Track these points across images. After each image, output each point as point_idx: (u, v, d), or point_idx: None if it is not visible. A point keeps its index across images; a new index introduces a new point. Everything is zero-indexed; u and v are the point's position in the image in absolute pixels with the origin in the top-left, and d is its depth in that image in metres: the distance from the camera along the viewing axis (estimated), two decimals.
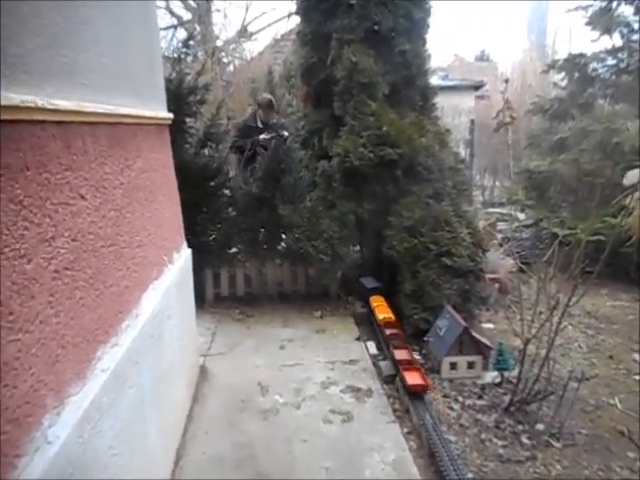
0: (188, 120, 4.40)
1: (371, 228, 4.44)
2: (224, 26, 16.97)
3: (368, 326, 4.25)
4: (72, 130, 1.58)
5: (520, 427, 2.87)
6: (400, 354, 3.38)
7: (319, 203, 4.41)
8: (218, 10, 16.23)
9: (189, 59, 5.47)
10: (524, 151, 8.71)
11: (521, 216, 8.11)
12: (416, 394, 3.00)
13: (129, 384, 1.87)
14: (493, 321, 4.91)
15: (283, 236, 4.72)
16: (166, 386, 2.44)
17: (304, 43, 4.89)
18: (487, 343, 3.52)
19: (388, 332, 3.70)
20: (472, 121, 11.27)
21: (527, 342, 2.95)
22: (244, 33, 15.25)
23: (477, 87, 16.91)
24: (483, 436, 2.81)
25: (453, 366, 3.43)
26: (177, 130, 4.26)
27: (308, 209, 4.40)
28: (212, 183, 4.46)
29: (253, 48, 20.89)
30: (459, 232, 4.07)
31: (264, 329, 4.17)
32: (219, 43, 15.22)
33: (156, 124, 2.70)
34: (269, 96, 5.69)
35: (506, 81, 10.70)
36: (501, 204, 10.16)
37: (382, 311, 4.03)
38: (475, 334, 3.48)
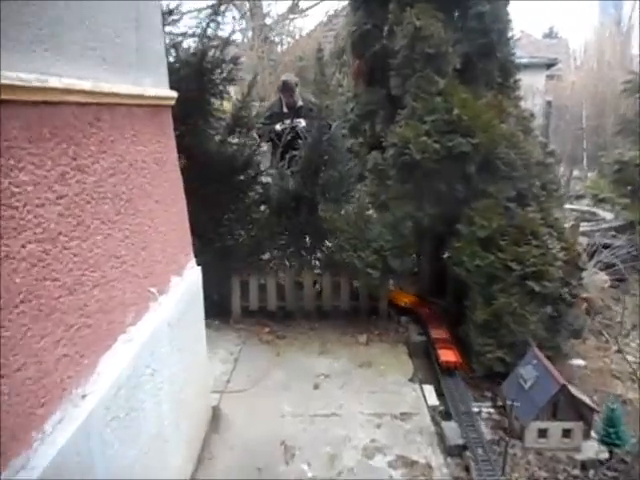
0: (213, 101, 3.67)
1: (433, 237, 3.58)
2: (275, 3, 16.20)
3: (425, 360, 3.42)
4: None
5: None
6: (437, 333, 3.43)
7: (368, 204, 3.58)
8: None
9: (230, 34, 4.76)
10: (613, 138, 7.43)
11: (607, 215, 6.90)
12: (448, 370, 3.11)
13: None
14: (583, 354, 3.93)
15: (326, 242, 3.94)
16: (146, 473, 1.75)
17: (356, 7, 4.02)
18: (590, 404, 2.61)
19: (424, 313, 3.75)
20: (549, 103, 9.92)
21: None
22: (295, 9, 14.38)
23: (549, 65, 15.28)
24: None
25: (542, 433, 2.56)
26: (200, 113, 3.57)
27: (355, 211, 3.59)
28: (241, 177, 3.73)
29: (305, 26, 20.06)
30: (550, 247, 3.13)
31: (297, 356, 3.43)
32: (268, 21, 14.47)
33: (146, 105, 1.97)
34: (285, 77, 5.04)
35: None
36: (579, 197, 8.86)
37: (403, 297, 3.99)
38: (576, 392, 2.58)
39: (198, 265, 2.58)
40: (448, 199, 3.37)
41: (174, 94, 2.27)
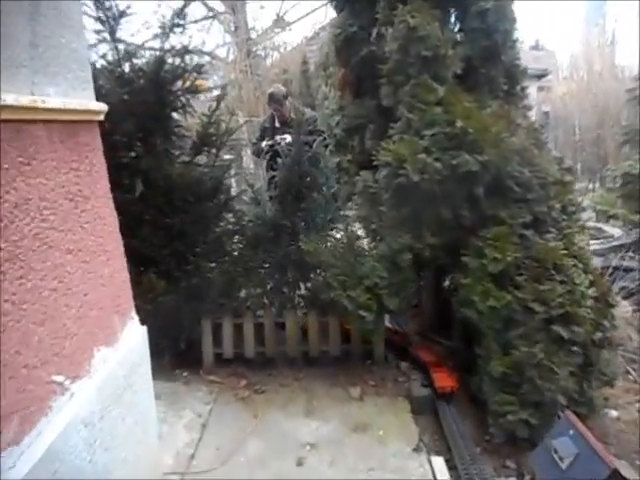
0: (175, 116, 3.14)
1: (436, 271, 3.06)
2: (260, 16, 15.91)
3: (431, 417, 2.87)
4: None
5: None
6: (425, 355, 3.25)
7: (358, 234, 3.06)
8: None
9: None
10: (617, 150, 7.01)
11: (615, 232, 6.43)
12: (444, 395, 2.89)
13: None
14: (612, 401, 3.40)
15: (312, 276, 3.41)
16: None
17: (340, 7, 3.55)
18: None
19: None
20: (546, 114, 9.52)
21: None
22: (281, 22, 14.02)
23: (540, 76, 15.03)
24: None
25: None
26: (159, 130, 3.04)
27: (343, 242, 3.06)
28: (210, 204, 3.19)
29: (291, 40, 19.78)
30: (577, 283, 2.62)
31: (277, 419, 2.86)
32: (254, 35, 14.10)
33: (50, 120, 1.43)
34: (272, 89, 4.66)
35: None
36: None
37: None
38: (628, 472, 2.04)
39: (143, 324, 2.02)
40: (452, 227, 2.85)
41: (102, 107, 1.74)
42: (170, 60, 2.93)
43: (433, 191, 2.76)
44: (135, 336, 1.91)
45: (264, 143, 4.30)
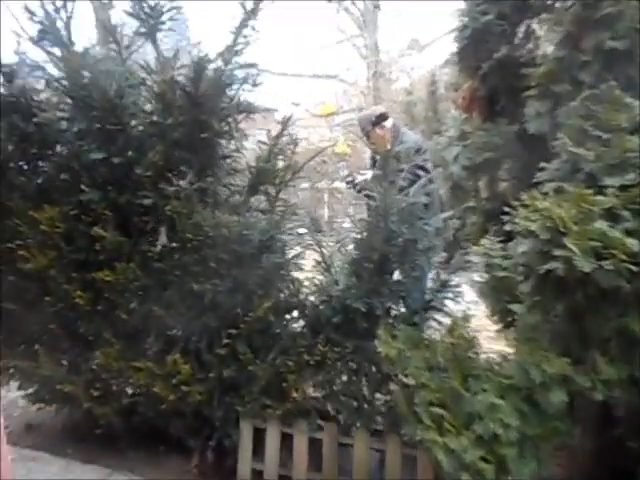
0: (224, 144, 2.30)
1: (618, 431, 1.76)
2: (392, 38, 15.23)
3: None
4: None
5: None
6: None
7: (473, 334, 1.89)
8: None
9: None
10: None
11: None
12: None
13: None
14: None
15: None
16: None
17: None
18: None
19: None
20: None
21: None
22: (414, 44, 13.07)
23: None
24: None
25: None
26: (195, 162, 2.24)
27: (448, 345, 1.92)
28: (259, 266, 2.27)
29: (426, 64, 18.84)
30: None
31: None
32: (385, 58, 13.37)
33: None
34: (365, 111, 3.65)
35: None
36: None
37: None
38: None
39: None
40: None
41: None
42: (213, 66, 2.11)
43: (617, 289, 1.50)
44: None
45: (340, 182, 3.37)
